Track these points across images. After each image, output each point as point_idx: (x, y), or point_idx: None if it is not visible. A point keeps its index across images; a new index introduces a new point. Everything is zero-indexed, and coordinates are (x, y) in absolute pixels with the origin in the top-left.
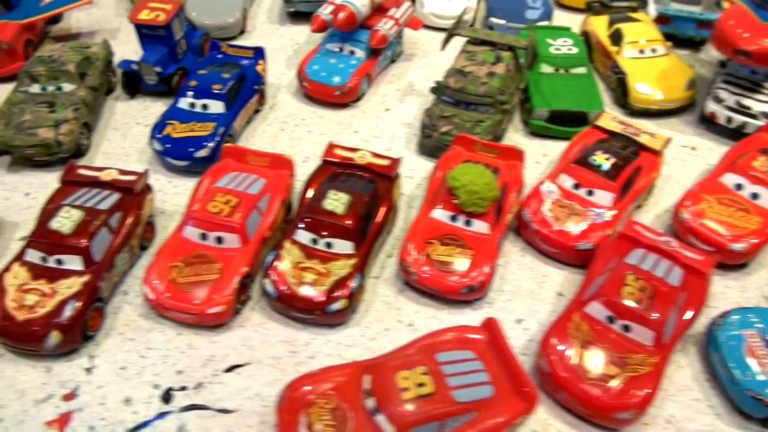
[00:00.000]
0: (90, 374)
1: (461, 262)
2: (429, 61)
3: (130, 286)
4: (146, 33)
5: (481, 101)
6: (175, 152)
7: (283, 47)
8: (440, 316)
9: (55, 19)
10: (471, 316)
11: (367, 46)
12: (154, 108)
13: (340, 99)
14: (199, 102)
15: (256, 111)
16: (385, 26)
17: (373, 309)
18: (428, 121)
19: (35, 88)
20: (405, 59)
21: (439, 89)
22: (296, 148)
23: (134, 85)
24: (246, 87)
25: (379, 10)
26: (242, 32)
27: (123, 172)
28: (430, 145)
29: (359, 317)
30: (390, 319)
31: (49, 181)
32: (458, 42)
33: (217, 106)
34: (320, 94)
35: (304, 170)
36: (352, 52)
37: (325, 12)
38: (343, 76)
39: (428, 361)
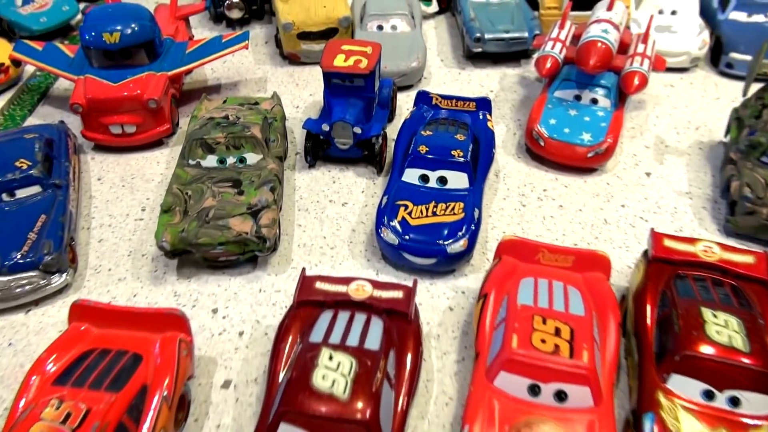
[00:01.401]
0: None
1: None
2: (666, 108)
3: None
4: (338, 84)
5: None
6: (419, 246)
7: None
8: None
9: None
10: None
11: (613, 92)
12: (344, 180)
13: (592, 162)
14: (434, 174)
15: None
16: (642, 66)
17: None
18: (748, 192)
19: (211, 161)
20: (634, 107)
21: (757, 148)
22: (554, 231)
23: (317, 150)
24: (483, 151)
25: (619, 48)
26: (419, 79)
27: (378, 284)
28: (755, 225)
29: None
30: None
31: (237, 290)
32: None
33: (459, 180)
34: (564, 157)
35: None
36: (594, 101)
37: (555, 51)
38: (595, 132)
39: None
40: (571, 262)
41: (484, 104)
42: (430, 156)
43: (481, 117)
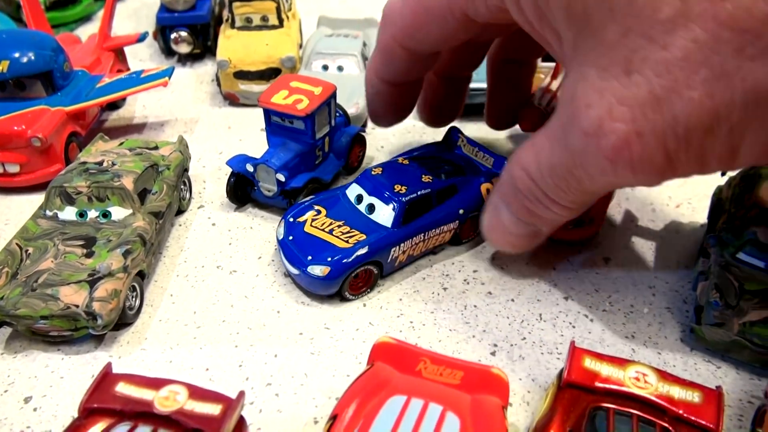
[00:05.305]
0: None
1: None
2: None
3: None
4: (278, 123)
5: None
6: (292, 252)
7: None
8: None
9: (115, 104)
10: None
11: None
12: (242, 243)
13: (574, 236)
14: (368, 199)
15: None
16: None
17: None
18: (717, 297)
19: (68, 214)
20: None
21: (733, 242)
22: (473, 325)
23: (243, 191)
24: (450, 206)
25: None
26: (364, 126)
27: (197, 392)
28: (724, 340)
29: None
30: None
31: (65, 373)
32: None
33: (384, 214)
34: None
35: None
36: None
37: (544, 102)
38: None
39: None
40: (459, 379)
41: (499, 166)
42: (377, 180)
43: (484, 178)
